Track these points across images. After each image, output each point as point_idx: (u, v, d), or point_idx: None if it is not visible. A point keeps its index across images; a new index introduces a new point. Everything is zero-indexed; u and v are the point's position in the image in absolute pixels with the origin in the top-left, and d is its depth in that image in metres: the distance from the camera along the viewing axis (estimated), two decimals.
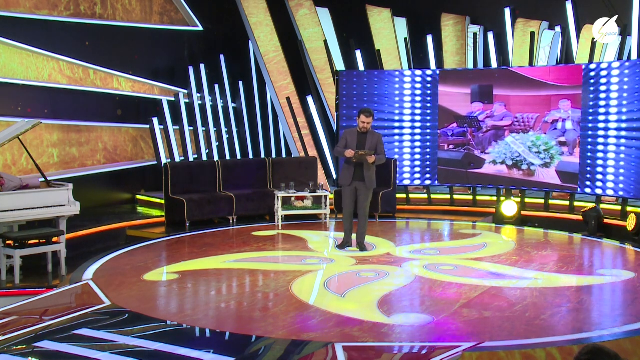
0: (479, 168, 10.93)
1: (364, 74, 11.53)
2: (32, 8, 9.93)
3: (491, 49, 11.79)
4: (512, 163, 10.67)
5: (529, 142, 10.50)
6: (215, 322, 5.63)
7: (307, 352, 4.85)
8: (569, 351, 4.74)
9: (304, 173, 11.15)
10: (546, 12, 11.75)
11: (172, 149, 11.94)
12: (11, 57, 9.66)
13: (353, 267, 7.42)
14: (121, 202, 11.54)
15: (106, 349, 4.80)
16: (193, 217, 9.89)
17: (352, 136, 8.01)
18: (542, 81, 10.30)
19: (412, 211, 11.21)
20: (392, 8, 12.58)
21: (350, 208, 8.14)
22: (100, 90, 11.06)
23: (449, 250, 8.37)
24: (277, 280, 6.79)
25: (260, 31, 12.80)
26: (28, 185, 7.57)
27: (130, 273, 7.15)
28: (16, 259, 7.01)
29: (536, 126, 10.44)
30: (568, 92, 10.12)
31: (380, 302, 5.95)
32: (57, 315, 5.69)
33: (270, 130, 13.78)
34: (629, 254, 8.29)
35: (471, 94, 10.92)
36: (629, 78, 9.43)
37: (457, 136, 11.07)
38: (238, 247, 8.52)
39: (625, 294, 6.36)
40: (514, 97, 10.62)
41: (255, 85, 13.48)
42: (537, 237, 9.30)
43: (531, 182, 10.55)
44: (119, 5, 11.36)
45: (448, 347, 4.78)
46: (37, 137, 9.94)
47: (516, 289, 6.50)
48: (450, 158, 11.14)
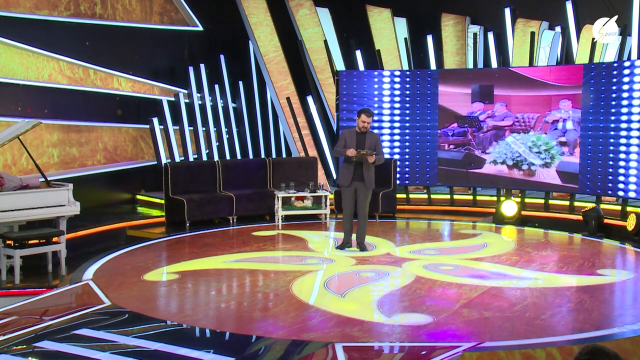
0: (479, 168, 10.93)
1: (364, 74, 11.52)
2: (32, 8, 9.93)
3: (491, 49, 11.79)
4: (512, 163, 10.67)
5: (530, 142, 10.49)
6: (215, 322, 5.63)
7: (307, 352, 4.85)
8: (569, 351, 4.74)
9: (304, 173, 11.15)
10: (546, 12, 11.75)
11: (172, 149, 11.94)
12: (11, 57, 9.66)
13: (353, 267, 7.42)
14: (121, 202, 11.54)
15: (106, 349, 4.80)
16: (193, 217, 9.89)
17: (351, 136, 8.01)
18: (543, 81, 10.30)
19: (412, 211, 11.22)
20: (392, 8, 12.58)
21: (350, 208, 8.15)
22: (101, 90, 11.06)
23: (449, 250, 8.38)
24: (277, 280, 6.79)
25: (260, 31, 12.80)
26: (28, 185, 7.57)
27: (130, 273, 7.15)
28: (16, 259, 7.01)
29: (537, 126, 10.44)
30: (568, 92, 10.12)
31: (380, 302, 5.96)
32: (57, 315, 5.69)
33: (270, 130, 13.78)
34: (629, 254, 8.29)
35: (472, 94, 10.92)
36: (629, 78, 9.44)
37: (457, 136, 11.07)
38: (238, 247, 8.52)
39: (625, 294, 6.36)
40: (514, 97, 10.62)
41: (255, 85, 13.48)
42: (537, 237, 9.30)
43: (531, 182, 10.55)
44: (119, 5, 11.36)
45: (448, 347, 4.78)
46: (37, 137, 9.95)
47: (516, 289, 6.51)
48: (451, 158, 11.14)
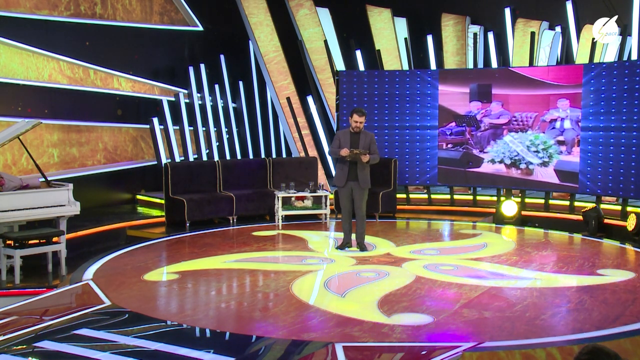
0: (477, 167, 10.93)
1: (364, 74, 11.52)
2: (32, 8, 9.93)
3: (491, 49, 11.79)
4: (510, 162, 10.67)
5: (528, 141, 10.50)
6: (215, 322, 5.63)
7: (307, 352, 4.85)
8: (569, 351, 4.74)
9: (304, 173, 11.15)
10: (546, 12, 11.76)
11: (172, 149, 11.94)
12: (11, 57, 9.66)
13: (353, 267, 7.42)
14: (121, 202, 11.54)
15: (106, 349, 4.80)
16: (193, 217, 9.89)
17: (345, 137, 8.03)
18: (541, 80, 10.30)
19: (412, 211, 11.22)
20: (392, 8, 12.59)
21: (348, 208, 8.15)
22: (101, 90, 11.06)
23: (449, 250, 8.38)
24: (277, 280, 6.79)
25: (261, 31, 12.80)
26: (28, 185, 7.57)
27: (131, 273, 7.15)
28: (16, 259, 7.00)
29: (535, 125, 10.44)
30: (567, 91, 10.11)
31: (380, 302, 5.95)
32: (57, 315, 5.69)
33: (271, 130, 13.79)
34: (629, 254, 8.29)
35: (470, 93, 10.92)
36: (629, 78, 9.43)
37: (455, 135, 11.07)
38: (238, 247, 8.52)
39: (625, 294, 6.35)
40: (512, 96, 10.62)
41: (256, 85, 13.49)
42: (537, 237, 9.30)
43: (529, 182, 10.55)
44: (119, 5, 11.36)
45: (448, 347, 4.78)
46: (37, 137, 9.95)
47: (516, 289, 6.51)
48: (449, 157, 11.14)
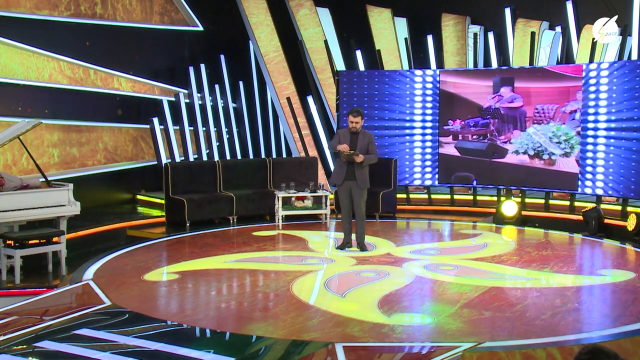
0: (502, 158, 10.93)
1: (364, 74, 11.52)
2: (33, 8, 9.93)
3: (491, 49, 11.79)
4: (533, 153, 10.69)
5: (550, 132, 10.53)
6: (216, 322, 5.63)
7: (307, 352, 4.86)
8: (569, 351, 4.74)
9: (304, 173, 11.15)
10: (546, 12, 11.76)
11: (172, 149, 11.94)
12: (12, 57, 9.66)
13: (353, 267, 7.42)
14: (121, 202, 11.55)
15: (106, 349, 4.80)
16: (193, 217, 9.89)
17: (344, 136, 8.03)
18: (561, 73, 10.31)
19: (413, 211, 11.21)
20: (393, 8, 12.58)
21: (348, 208, 8.15)
22: (101, 90, 11.07)
23: (449, 250, 8.38)
24: (277, 280, 6.79)
25: (261, 31, 12.80)
26: (28, 185, 7.57)
27: (131, 273, 7.15)
28: (16, 259, 7.00)
29: (556, 117, 10.46)
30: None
31: (380, 302, 5.95)
32: (57, 315, 5.69)
33: (271, 130, 13.79)
34: (629, 254, 8.29)
35: (493, 86, 10.94)
36: (629, 78, 9.43)
37: (480, 127, 11.05)
38: (238, 247, 8.52)
39: (625, 294, 6.35)
40: (533, 88, 10.61)
41: (256, 85, 13.48)
42: (538, 237, 9.30)
43: (550, 172, 10.49)
44: (119, 5, 11.37)
45: (448, 347, 4.78)
46: (37, 137, 9.95)
47: (516, 289, 6.51)
48: (475, 148, 11.13)
